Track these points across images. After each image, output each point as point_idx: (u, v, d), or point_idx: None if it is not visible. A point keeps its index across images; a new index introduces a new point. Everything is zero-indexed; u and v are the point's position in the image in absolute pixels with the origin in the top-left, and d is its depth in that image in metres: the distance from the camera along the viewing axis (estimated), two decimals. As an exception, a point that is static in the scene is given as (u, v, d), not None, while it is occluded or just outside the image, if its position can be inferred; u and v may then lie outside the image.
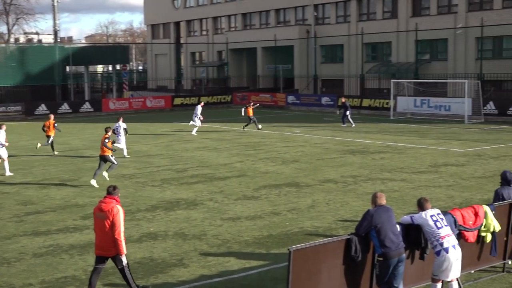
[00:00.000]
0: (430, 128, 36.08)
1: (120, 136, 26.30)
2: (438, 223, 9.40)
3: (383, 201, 9.36)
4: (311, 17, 61.74)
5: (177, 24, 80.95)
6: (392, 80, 45.78)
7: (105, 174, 20.35)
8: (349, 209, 16.07)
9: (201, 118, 35.18)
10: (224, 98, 58.18)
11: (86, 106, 50.69)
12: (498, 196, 11.31)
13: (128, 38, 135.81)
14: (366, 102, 48.89)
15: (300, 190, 18.60)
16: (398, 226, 9.39)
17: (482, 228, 10.45)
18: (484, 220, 10.45)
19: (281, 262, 11.70)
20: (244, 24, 70.61)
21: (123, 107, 52.27)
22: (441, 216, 9.57)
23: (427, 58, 53.10)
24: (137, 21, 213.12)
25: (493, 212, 10.60)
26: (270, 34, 61.86)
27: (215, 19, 74.87)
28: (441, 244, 9.28)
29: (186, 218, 15.54)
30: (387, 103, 46.90)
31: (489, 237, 10.58)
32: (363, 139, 31.12)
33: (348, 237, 9.06)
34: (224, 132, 34.82)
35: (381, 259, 9.07)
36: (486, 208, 10.55)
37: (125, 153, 26.26)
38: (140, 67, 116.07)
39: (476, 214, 10.37)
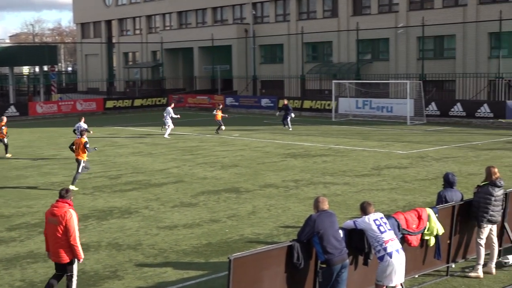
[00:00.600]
0: (372, 130, 36.72)
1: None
2: (381, 227, 9.54)
3: (325, 205, 9.45)
4: (249, 16, 61.99)
5: (108, 22, 79.88)
6: (333, 81, 46.41)
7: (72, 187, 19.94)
8: (291, 215, 16.17)
9: (178, 116, 36.63)
10: (160, 101, 57.74)
11: (11, 110, 49.39)
12: (441, 199, 11.58)
13: (56, 37, 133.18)
14: (307, 104, 49.38)
15: (240, 196, 18.60)
16: (341, 232, 9.49)
17: (426, 231, 10.67)
18: (428, 223, 10.68)
19: (221, 272, 11.67)
20: (179, 23, 70.28)
21: (51, 111, 51.18)
22: (384, 220, 9.73)
23: (369, 58, 54.06)
24: (66, 19, 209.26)
25: (436, 215, 10.85)
26: (207, 33, 61.78)
27: (149, 17, 74.26)
28: (385, 249, 9.43)
29: (120, 227, 15.32)
30: (328, 105, 47.50)
31: (432, 241, 10.81)
32: (305, 142, 31.40)
33: (290, 243, 9.11)
34: (159, 137, 34.54)
35: (324, 266, 9.15)
36: (429, 211, 10.79)
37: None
38: (70, 68, 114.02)
39: (419, 217, 10.58)
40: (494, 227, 11.73)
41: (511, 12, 43.71)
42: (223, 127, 36.18)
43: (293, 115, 37.88)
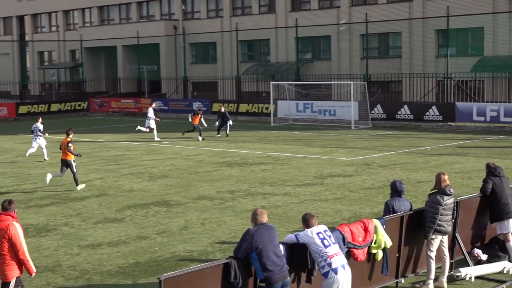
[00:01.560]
0: (314, 135, 37.10)
1: (39, 138, 29.27)
2: (325, 241, 9.63)
3: (264, 218, 9.48)
4: (178, 11, 61.83)
5: (20, 18, 78.27)
6: (271, 82, 46.70)
7: (48, 176, 22.12)
8: (227, 229, 16.16)
9: (157, 119, 37.40)
10: (80, 105, 56.94)
11: None
12: (388, 209, 11.78)
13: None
14: (243, 107, 49.55)
15: (171, 210, 18.50)
16: (281, 247, 9.54)
17: (373, 244, 10.82)
18: (375, 235, 10.83)
19: (151, 294, 11.56)
20: (101, 19, 69.48)
21: (-45, 118, 49.80)
22: (329, 233, 9.82)
23: (309, 58, 54.67)
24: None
25: (384, 226, 11.02)
26: (131, 30, 61.28)
27: (66, 12, 73.12)
28: (329, 265, 9.52)
29: (37, 247, 15.01)
30: (266, 108, 47.77)
31: (380, 254, 10.97)
32: (241, 149, 31.47)
33: (227, 261, 9.10)
34: (80, 145, 34.00)
35: (263, 284, 9.17)
36: (376, 222, 10.95)
37: (46, 157, 29.15)
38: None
39: (366, 230, 10.72)
40: (445, 238, 12.00)
41: (458, 8, 44.94)
42: (200, 138, 35.73)
43: (231, 122, 37.90)
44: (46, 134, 30.09)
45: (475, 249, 13.06)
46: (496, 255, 13.08)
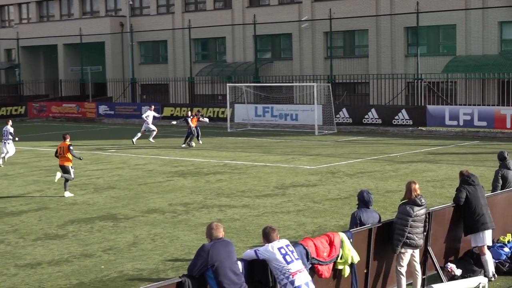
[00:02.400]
0: (274, 142, 37.18)
1: (8, 142, 30.22)
2: (287, 257, 9.64)
3: (220, 233, 9.46)
4: (125, 7, 61.55)
5: (-51, 14, 77.12)
6: (227, 84, 46.72)
7: (58, 174, 22.97)
8: (180, 245, 16.10)
9: (158, 116, 38.97)
10: (16, 110, 56.28)
11: None
12: (355, 221, 11.84)
13: None
14: (196, 111, 49.41)
15: (118, 224, 18.36)
16: (240, 263, 9.53)
17: (339, 260, 10.86)
18: (341, 250, 10.86)
19: (96, 318, 11.45)
20: (39, 15, 68.79)
21: None
22: (291, 248, 9.84)
23: (269, 57, 54.85)
24: None
25: (351, 240, 11.07)
26: (74, 27, 60.79)
27: (1, 8, 72.22)
28: (292, 282, 9.52)
29: (-32, 268, 14.76)
30: (222, 113, 47.78)
31: (347, 270, 11.01)
32: (195, 158, 31.39)
33: (180, 280, 9.06)
34: (17, 154, 33.55)
35: (221, 305, 9.14)
36: (343, 235, 10.99)
37: (1, 163, 30.10)
38: None
39: (331, 244, 10.75)
40: (417, 252, 12.10)
41: (429, 4, 45.51)
42: (193, 143, 35.68)
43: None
44: (17, 139, 31.21)
45: (449, 263, 13.20)
46: (471, 269, 13.23)
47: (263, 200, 21.10)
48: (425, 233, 12.21)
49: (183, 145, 35.84)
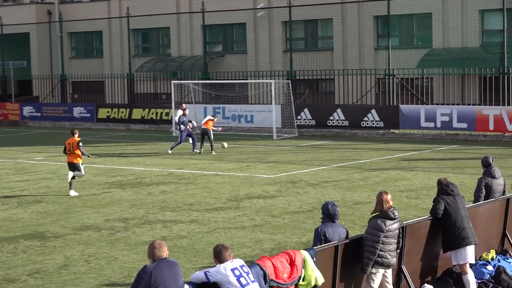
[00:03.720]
0: (228, 148, 37.10)
1: None
2: (242, 279, 9.63)
3: (164, 252, 9.42)
4: (54, -8, 61.09)
5: None
6: (172, 82, 46.56)
7: (70, 174, 24.69)
8: (119, 267, 15.99)
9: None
10: None
11: None
12: (319, 237, 11.85)
13: None
14: (137, 113, 49.28)
15: (46, 244, 18.18)
16: (187, 287, 9.50)
17: (301, 282, 10.87)
18: (303, 270, 10.88)
19: None
20: (-47, 1, 67.92)
21: None
22: (246, 269, 9.83)
23: (220, 51, 54.84)
24: None
25: (314, 259, 11.09)
26: (-7, 16, 60.16)
27: None
28: (248, 308, 9.54)
29: None
30: (166, 114, 47.64)
31: (310, 293, 11.04)
32: (135, 166, 31.25)
33: (118, 307, 9.00)
34: None
35: (165, 335, 9.09)
36: (305, 254, 11.00)
37: None
38: None
39: (292, 264, 10.76)
40: (389, 272, 12.17)
41: (401, -11, 45.98)
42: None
43: (195, 123, 37.68)
44: None
45: (426, 284, 13.30)
46: (451, 291, 13.38)
47: (214, 214, 21.06)
48: (398, 251, 12.28)
49: (197, 151, 35.37)
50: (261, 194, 24.08)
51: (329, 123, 43.37)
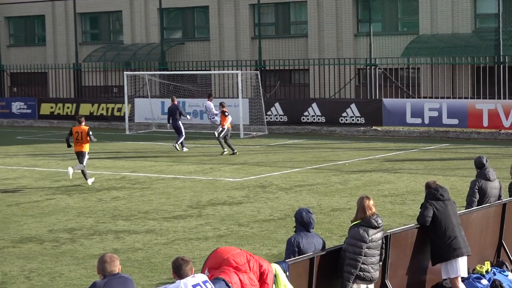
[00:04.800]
0: (188, 147, 37.05)
1: None
2: (205, 296, 9.63)
3: (116, 267, 9.39)
4: (-11, -29, 60.65)
5: None
6: (125, 73, 46.42)
7: (70, 170, 26.78)
8: (64, 284, 15.92)
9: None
10: None
11: None
12: (292, 248, 11.84)
13: None
14: (85, 109, 49.05)
15: (-19, 258, 18.04)
16: (143, 307, 9.49)
17: (272, 299, 10.89)
18: (274, 286, 10.89)
19: None
20: None
21: None
22: (210, 285, 9.82)
23: (179, 38, 54.73)
24: None
25: (287, 273, 11.09)
26: None
27: None
28: (211, 329, 9.52)
29: None
30: (119, 110, 47.46)
31: (282, 312, 11.05)
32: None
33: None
34: None
35: None
36: (277, 267, 11.00)
37: None
38: None
39: (261, 278, 10.76)
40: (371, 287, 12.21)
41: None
42: (231, 150, 34.33)
43: (188, 117, 37.76)
44: None
45: (413, 301, 13.37)
46: (441, 308, 13.44)
47: (173, 224, 21.02)
48: (381, 263, 12.31)
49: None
50: (227, 200, 24.06)
51: (303, 119, 43.40)
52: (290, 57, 48.64)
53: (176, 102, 37.36)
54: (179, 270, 9.80)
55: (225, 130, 34.36)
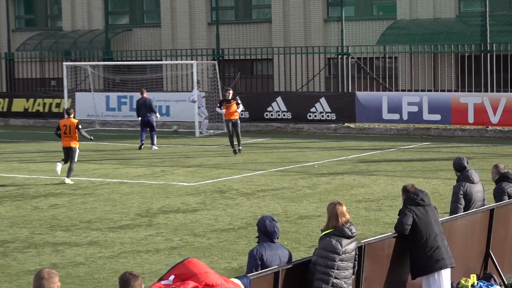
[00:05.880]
0: (136, 148, 36.99)
1: None
2: (156, 317, 9.63)
3: (55, 284, 9.35)
4: None
5: None
6: (64, 63, 46.30)
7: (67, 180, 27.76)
8: (-4, 304, 15.85)
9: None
10: None
11: None
12: (255, 261, 11.84)
13: None
14: (18, 105, 48.85)
15: None
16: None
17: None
18: (235, 304, 10.91)
19: None
20: None
21: None
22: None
23: (126, 24, 54.57)
24: None
25: (249, 289, 11.12)
26: None
27: None
28: None
29: None
30: (57, 105, 47.28)
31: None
32: (18, 173, 31.03)
33: None
34: None
35: None
36: (237, 283, 11.02)
37: None
38: None
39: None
40: (343, 304, 12.25)
41: None
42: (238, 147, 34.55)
43: (158, 115, 37.89)
44: None
45: (390, 319, 13.43)
46: (422, 327, 13.50)
47: (119, 234, 20.98)
48: (354, 276, 12.34)
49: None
50: (180, 208, 24.05)
51: (266, 115, 43.44)
52: (251, 45, 48.61)
53: (145, 95, 37.44)
54: (126, 286, 9.78)
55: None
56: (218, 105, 35.78)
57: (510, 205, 15.75)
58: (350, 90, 43.70)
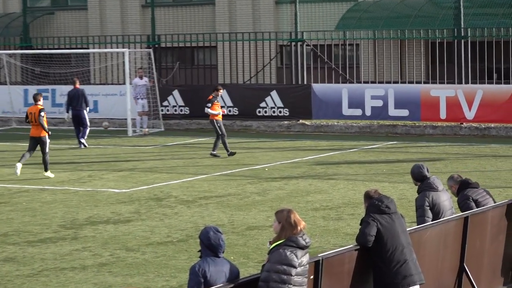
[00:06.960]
0: (59, 149, 36.88)
1: None
2: None
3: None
4: None
5: None
6: (-24, 52, 46.07)
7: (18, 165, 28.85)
8: None
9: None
10: None
11: None
12: (197, 279, 11.81)
13: None
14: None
15: None
16: None
17: None
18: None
19: None
20: None
21: None
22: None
23: (47, 6, 54.44)
24: None
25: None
26: None
27: None
28: None
29: None
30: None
31: None
32: None
33: None
34: None
35: None
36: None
37: None
38: None
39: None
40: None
41: None
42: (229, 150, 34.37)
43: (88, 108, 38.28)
44: None
45: None
46: None
47: (40, 249, 20.90)
48: (310, 292, 12.39)
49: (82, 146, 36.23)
50: (111, 218, 24.02)
51: (206, 111, 43.44)
52: (192, 31, 48.64)
53: (78, 86, 37.51)
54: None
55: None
56: (209, 105, 35.27)
57: (487, 212, 15.83)
58: (305, 82, 43.74)
